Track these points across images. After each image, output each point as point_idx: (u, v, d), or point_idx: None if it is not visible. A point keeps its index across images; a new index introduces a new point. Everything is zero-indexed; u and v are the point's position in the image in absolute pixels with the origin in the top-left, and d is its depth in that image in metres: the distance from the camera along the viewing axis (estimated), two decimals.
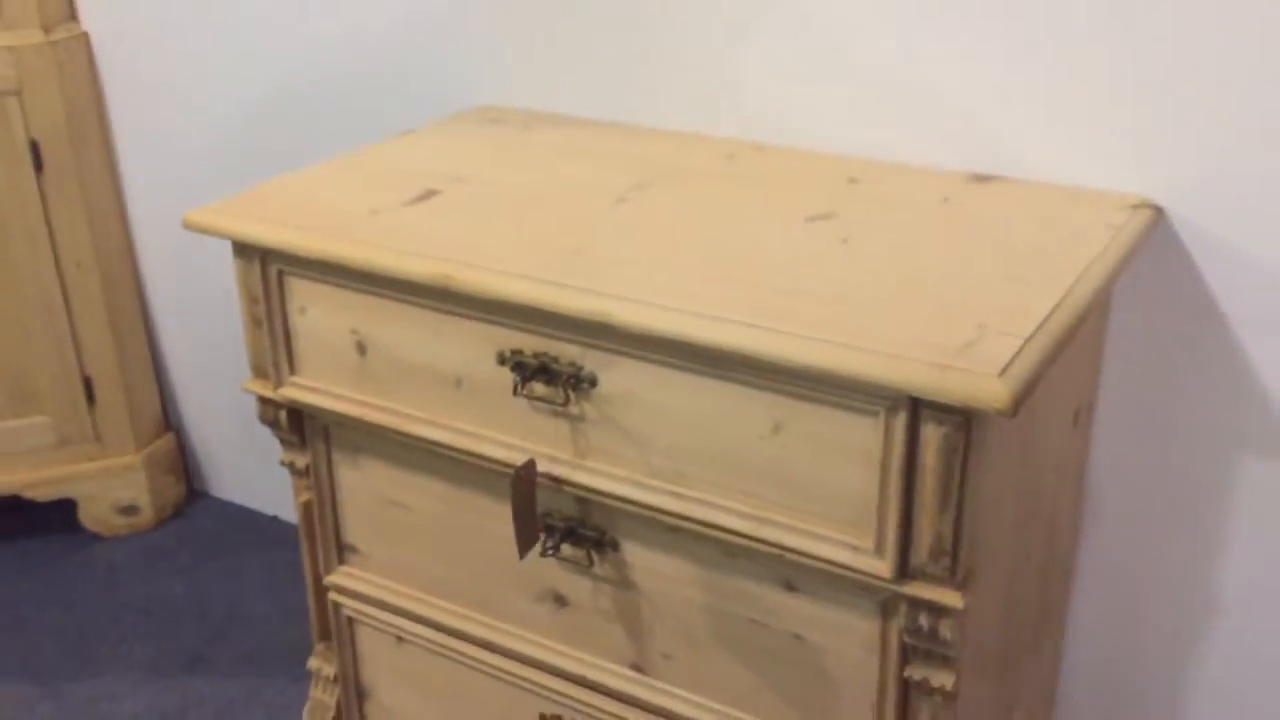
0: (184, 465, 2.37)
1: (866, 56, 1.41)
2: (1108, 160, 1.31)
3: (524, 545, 1.22)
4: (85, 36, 2.03)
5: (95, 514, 2.25)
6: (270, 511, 2.32)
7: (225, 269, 1.38)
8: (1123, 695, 1.55)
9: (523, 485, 1.19)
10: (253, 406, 1.55)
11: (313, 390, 1.35)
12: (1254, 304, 1.29)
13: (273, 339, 1.34)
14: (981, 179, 1.37)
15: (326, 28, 1.78)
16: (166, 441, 2.32)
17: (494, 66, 1.67)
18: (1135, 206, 1.28)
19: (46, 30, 1.97)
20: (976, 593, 1.06)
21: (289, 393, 1.36)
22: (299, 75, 1.84)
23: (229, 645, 1.99)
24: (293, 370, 1.36)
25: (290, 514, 2.24)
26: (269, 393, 1.38)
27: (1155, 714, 1.53)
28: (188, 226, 1.31)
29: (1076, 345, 1.24)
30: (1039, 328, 1.01)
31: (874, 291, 1.09)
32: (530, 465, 1.19)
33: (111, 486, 2.24)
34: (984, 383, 0.94)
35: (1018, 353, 0.97)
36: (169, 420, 2.34)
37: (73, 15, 2.03)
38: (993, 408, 0.93)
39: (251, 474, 2.30)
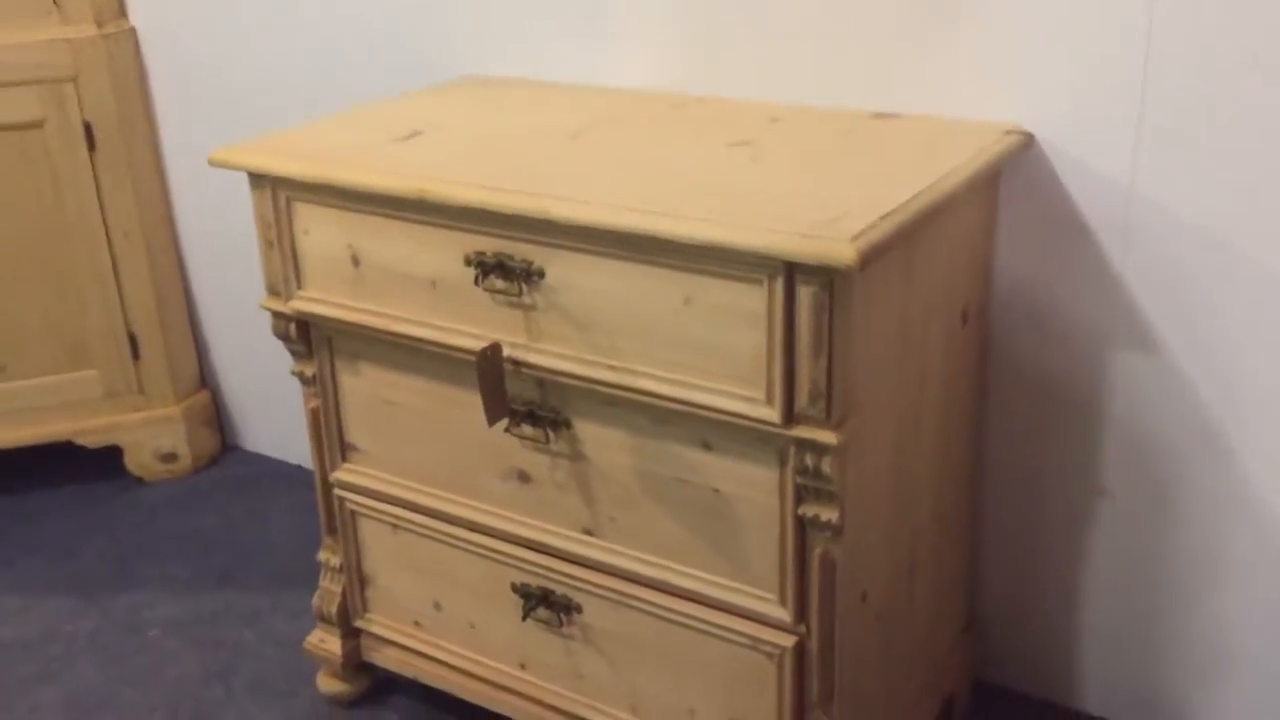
0: (219, 420, 2.62)
1: (790, 16, 1.64)
2: (987, 95, 1.53)
3: (492, 416, 1.45)
4: (133, 31, 2.31)
5: (139, 460, 2.51)
6: (295, 461, 2.56)
7: (256, 242, 1.62)
8: (1029, 581, 1.75)
9: (488, 363, 1.42)
10: (282, 365, 1.79)
11: (316, 301, 1.59)
12: (1109, 213, 1.50)
13: (283, 258, 1.59)
14: (882, 116, 1.59)
15: (333, 18, 2.05)
16: (203, 397, 2.57)
17: (481, 40, 1.92)
18: (1007, 133, 1.50)
19: (100, 25, 2.25)
20: (853, 435, 1.28)
21: (297, 304, 1.61)
22: (313, 66, 2.10)
23: (255, 565, 2.24)
24: (300, 285, 1.60)
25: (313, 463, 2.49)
26: (281, 307, 1.63)
27: (1058, 605, 1.73)
28: (213, 163, 1.57)
29: (952, 246, 1.46)
30: (890, 211, 1.23)
31: (767, 192, 1.32)
32: (495, 346, 1.43)
33: (154, 435, 2.50)
34: (838, 246, 1.16)
35: (869, 227, 1.19)
36: (205, 379, 2.60)
37: (123, 12, 2.31)
38: (844, 265, 1.15)
39: (280, 428, 2.54)
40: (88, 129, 2.28)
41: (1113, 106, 1.46)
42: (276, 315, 1.65)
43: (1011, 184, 1.55)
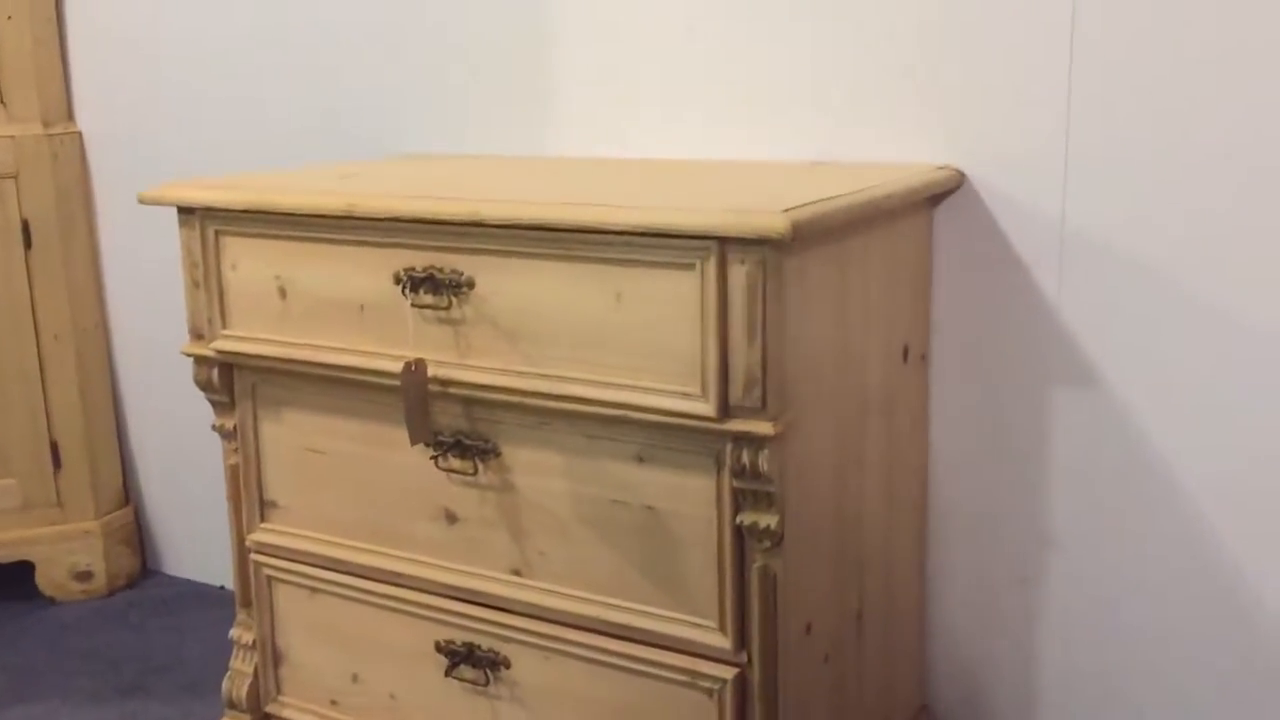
0: (140, 540, 2.50)
1: (727, 79, 1.68)
2: (918, 139, 1.55)
3: (416, 436, 1.39)
4: (79, 134, 2.33)
5: (52, 578, 2.37)
6: (218, 582, 2.44)
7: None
8: (980, 616, 1.66)
9: (413, 379, 1.37)
10: (211, 481, 1.71)
11: (241, 339, 1.55)
12: (1042, 247, 1.51)
13: (208, 296, 1.55)
14: (820, 164, 1.61)
15: (283, 119, 2.08)
16: (125, 514, 2.46)
17: (418, 119, 1.95)
18: (939, 168, 1.52)
19: (46, 125, 2.26)
20: (789, 427, 1.23)
21: (221, 344, 1.56)
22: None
23: (168, 679, 2.09)
24: (224, 324, 1.56)
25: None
26: (204, 350, 1.58)
27: (1010, 646, 1.64)
28: (143, 201, 1.56)
29: (889, 264, 1.45)
30: (825, 199, 1.23)
31: (699, 190, 1.31)
32: (420, 362, 1.38)
33: (70, 551, 2.38)
34: (770, 218, 1.15)
35: (802, 204, 1.18)
36: (128, 495, 2.49)
37: (69, 114, 2.33)
38: (776, 234, 1.14)
39: (204, 549, 2.43)
40: (25, 227, 2.26)
41: (1040, 143, 1.49)
42: (199, 361, 1.60)
43: (946, 223, 1.56)
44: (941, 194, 1.53)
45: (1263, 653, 1.49)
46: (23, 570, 2.35)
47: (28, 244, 2.27)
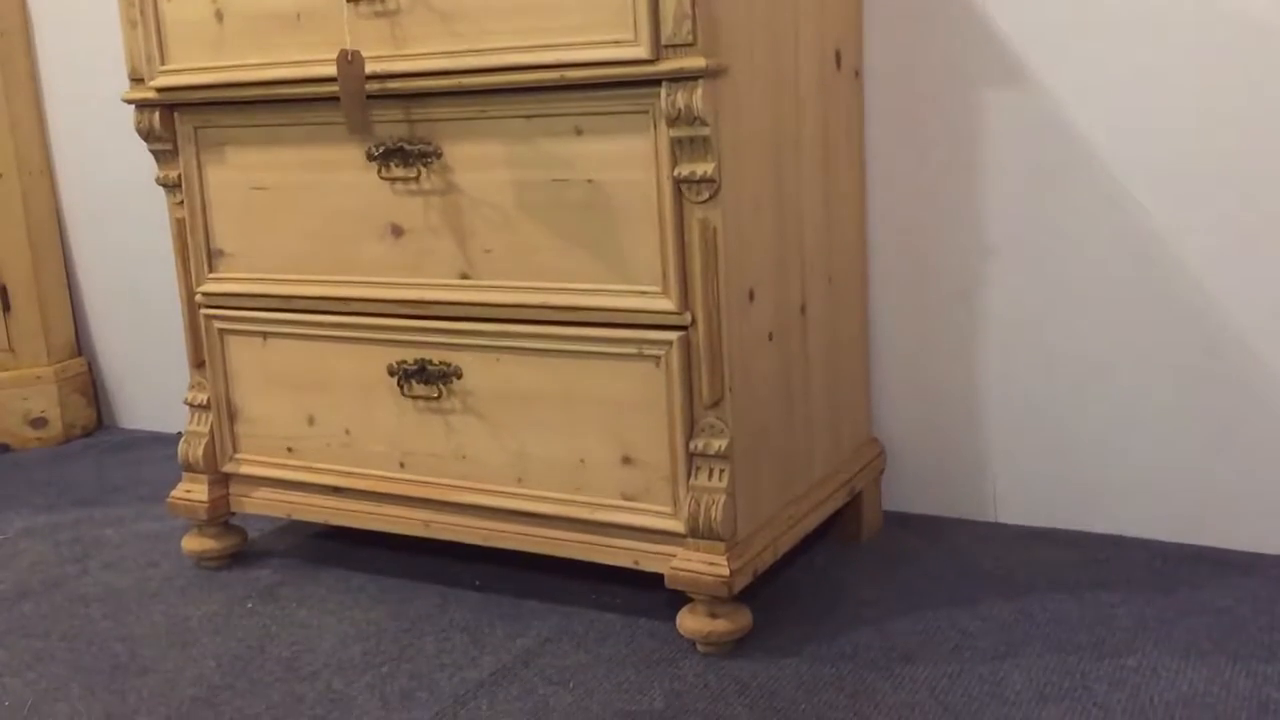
0: (94, 393, 2.49)
1: None
2: None
3: (354, 127, 1.40)
4: None
5: (5, 424, 2.36)
6: (175, 429, 2.43)
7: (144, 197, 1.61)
8: (924, 336, 1.69)
9: (349, 71, 1.38)
10: (165, 336, 1.64)
11: (180, 72, 1.55)
12: None
13: (146, 34, 1.56)
14: None
15: None
16: (79, 364, 2.45)
17: None
18: None
19: None
20: (721, 62, 1.25)
21: (161, 81, 1.56)
22: None
23: (124, 494, 2.08)
24: (163, 59, 1.56)
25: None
26: (144, 94, 1.58)
27: (953, 366, 1.67)
28: None
29: None
30: None
31: None
32: (356, 54, 1.39)
33: (23, 396, 2.36)
34: None
35: None
36: (82, 349, 2.48)
37: None
38: None
39: (160, 403, 2.42)
40: None
41: None
42: (140, 107, 1.60)
43: None
44: None
45: (1203, 341, 1.53)
46: None
47: None
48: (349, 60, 1.38)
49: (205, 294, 1.64)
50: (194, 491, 1.70)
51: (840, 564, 1.60)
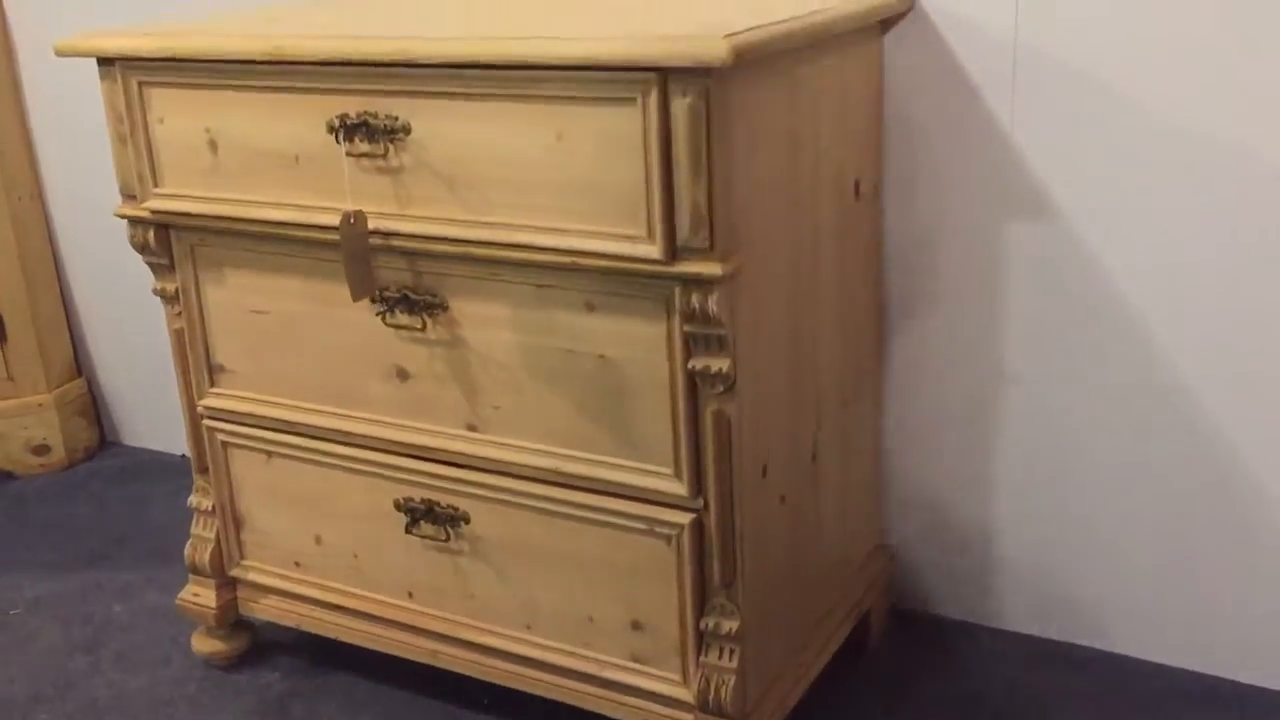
0: (95, 412, 2.47)
1: None
2: None
3: (358, 291, 1.35)
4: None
5: (8, 452, 2.34)
6: (179, 451, 2.42)
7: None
8: (937, 452, 1.66)
9: (352, 233, 1.33)
10: (163, 353, 1.62)
11: (174, 197, 1.49)
12: (995, 69, 1.46)
13: (137, 154, 1.49)
14: None
15: None
16: (78, 385, 2.42)
17: None
18: None
19: None
20: (739, 268, 1.20)
21: (154, 204, 1.50)
22: None
23: (130, 547, 2.08)
24: (156, 182, 1.49)
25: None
26: (137, 211, 1.52)
27: (967, 480, 1.65)
28: (59, 53, 1.47)
29: (836, 95, 1.40)
30: (769, 23, 1.17)
31: (638, 11, 1.26)
32: (359, 214, 1.33)
33: (24, 425, 2.34)
34: (711, 44, 1.09)
35: (741, 30, 1.13)
36: (80, 367, 2.45)
37: None
38: (717, 61, 1.08)
39: (161, 420, 2.39)
40: None
41: None
42: (133, 223, 1.54)
43: (897, 48, 1.50)
44: (892, 18, 1.48)
45: (1215, 475, 1.50)
46: None
47: None
48: (351, 222, 1.32)
49: (207, 407, 1.61)
50: (202, 596, 1.70)
51: (844, 691, 1.60)
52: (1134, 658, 1.62)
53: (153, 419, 2.43)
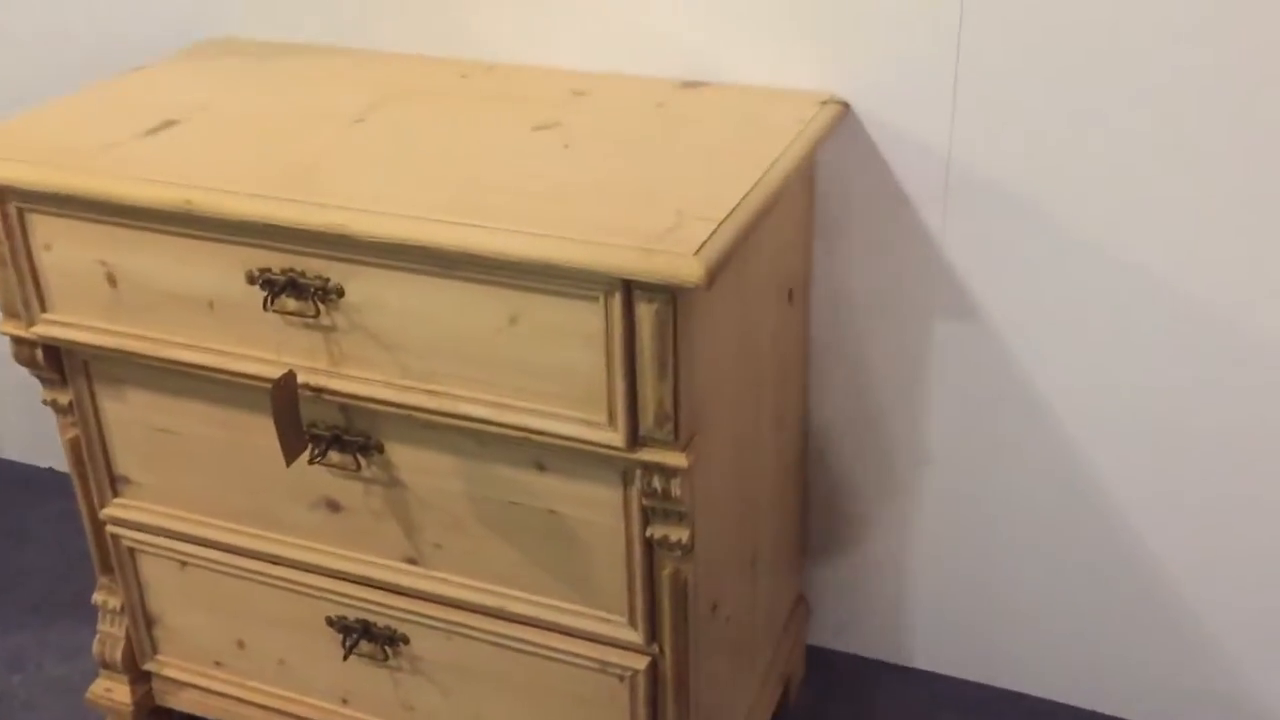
0: None
1: None
2: (799, 63, 1.44)
3: (290, 454, 1.28)
4: None
5: None
6: (45, 463, 2.29)
7: None
8: (857, 539, 1.72)
9: (283, 395, 1.25)
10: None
11: (66, 325, 1.37)
12: (928, 182, 1.45)
13: (20, 277, 1.36)
14: (691, 85, 1.48)
15: None
16: None
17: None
18: (824, 103, 1.41)
19: None
20: (700, 452, 1.19)
21: (42, 330, 1.38)
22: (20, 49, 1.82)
23: (13, 599, 1.98)
24: (44, 307, 1.37)
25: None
26: (22, 332, 1.40)
27: (887, 561, 1.72)
28: None
29: (779, 231, 1.38)
30: (730, 213, 1.13)
31: (589, 189, 1.19)
32: (290, 376, 1.26)
33: None
34: (682, 263, 1.05)
35: (712, 234, 1.09)
36: None
37: None
38: (690, 283, 1.05)
39: (27, 429, 2.26)
40: None
41: (929, 71, 1.40)
42: (19, 342, 1.42)
43: (828, 154, 1.48)
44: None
45: (1121, 561, 1.59)
46: None
47: None
48: (283, 385, 1.25)
49: (110, 516, 1.53)
50: (115, 691, 1.64)
51: None
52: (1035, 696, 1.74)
53: (16, 430, 2.29)
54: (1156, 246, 1.40)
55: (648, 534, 1.24)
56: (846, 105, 1.43)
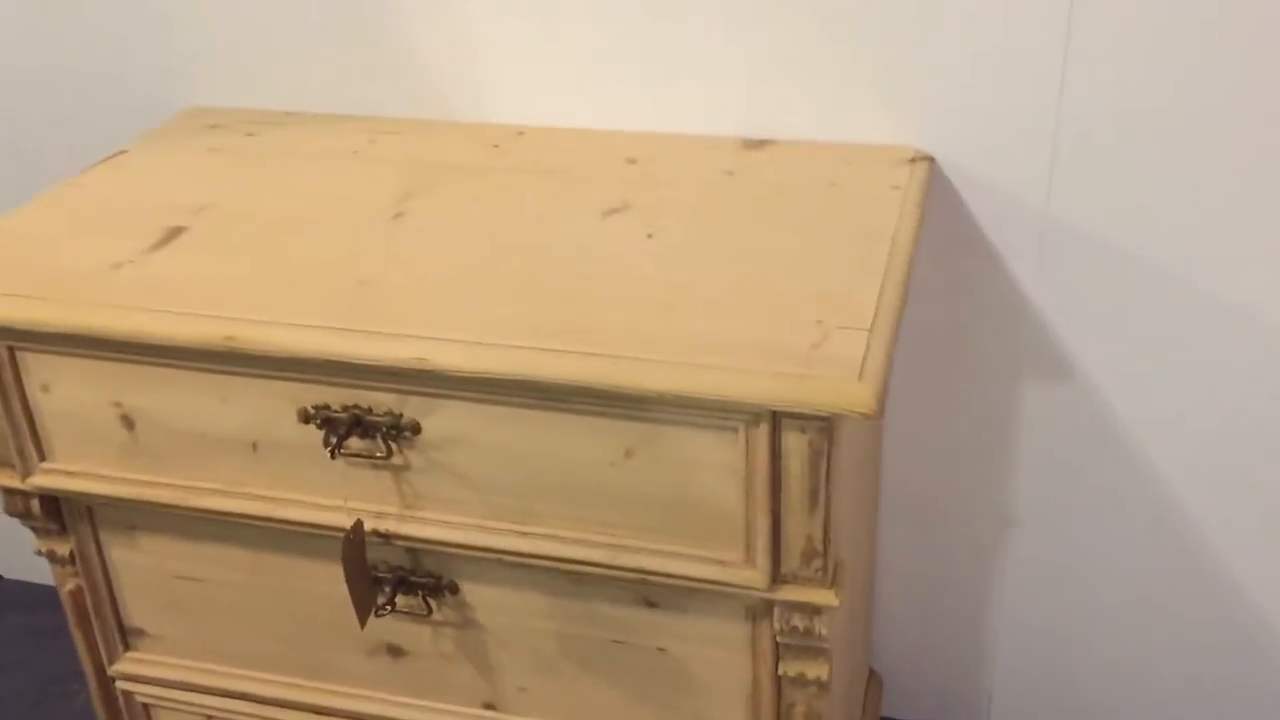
0: None
1: (613, 26, 1.34)
2: (870, 114, 1.30)
3: (363, 612, 1.11)
4: None
5: None
6: (13, 576, 2.06)
7: None
8: (934, 613, 1.61)
9: (352, 548, 1.08)
10: None
11: (71, 475, 1.17)
12: (1021, 237, 1.33)
13: (12, 424, 1.16)
14: (754, 144, 1.33)
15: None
16: None
17: (197, 63, 1.49)
18: (912, 161, 1.28)
19: None
20: (845, 584, 1.05)
21: (41, 481, 1.18)
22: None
23: None
24: (43, 456, 1.18)
25: (13, 568, 2.03)
26: (17, 484, 1.20)
27: (964, 628, 1.61)
28: None
29: None
30: (876, 316, 0.99)
31: (697, 294, 1.04)
32: (359, 527, 1.08)
33: None
34: (846, 388, 0.91)
35: (867, 349, 0.95)
36: None
37: None
38: (858, 412, 0.91)
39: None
40: None
41: (1026, 125, 1.27)
42: (10, 493, 1.22)
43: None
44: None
45: (1223, 627, 1.51)
46: None
47: None
48: (352, 537, 1.08)
49: (121, 672, 1.34)
50: None
51: None
52: None
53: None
54: (1260, 304, 1.31)
55: (780, 672, 1.10)
56: (932, 159, 1.30)
